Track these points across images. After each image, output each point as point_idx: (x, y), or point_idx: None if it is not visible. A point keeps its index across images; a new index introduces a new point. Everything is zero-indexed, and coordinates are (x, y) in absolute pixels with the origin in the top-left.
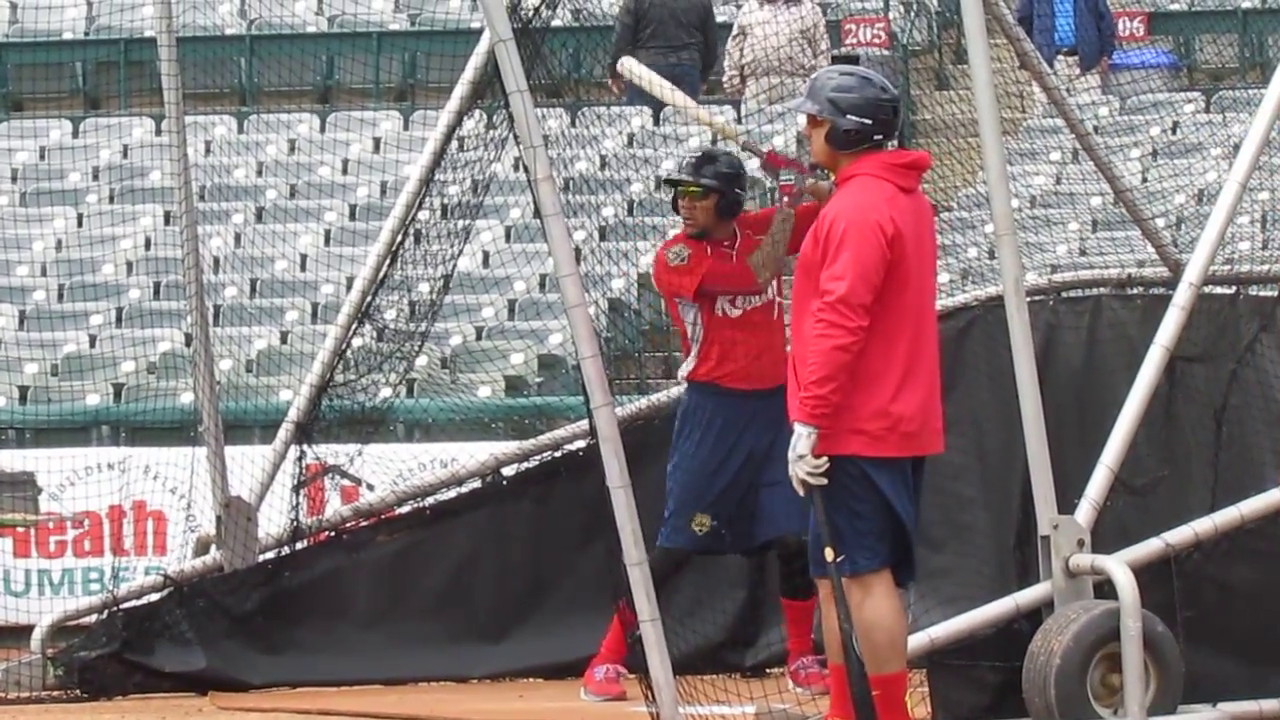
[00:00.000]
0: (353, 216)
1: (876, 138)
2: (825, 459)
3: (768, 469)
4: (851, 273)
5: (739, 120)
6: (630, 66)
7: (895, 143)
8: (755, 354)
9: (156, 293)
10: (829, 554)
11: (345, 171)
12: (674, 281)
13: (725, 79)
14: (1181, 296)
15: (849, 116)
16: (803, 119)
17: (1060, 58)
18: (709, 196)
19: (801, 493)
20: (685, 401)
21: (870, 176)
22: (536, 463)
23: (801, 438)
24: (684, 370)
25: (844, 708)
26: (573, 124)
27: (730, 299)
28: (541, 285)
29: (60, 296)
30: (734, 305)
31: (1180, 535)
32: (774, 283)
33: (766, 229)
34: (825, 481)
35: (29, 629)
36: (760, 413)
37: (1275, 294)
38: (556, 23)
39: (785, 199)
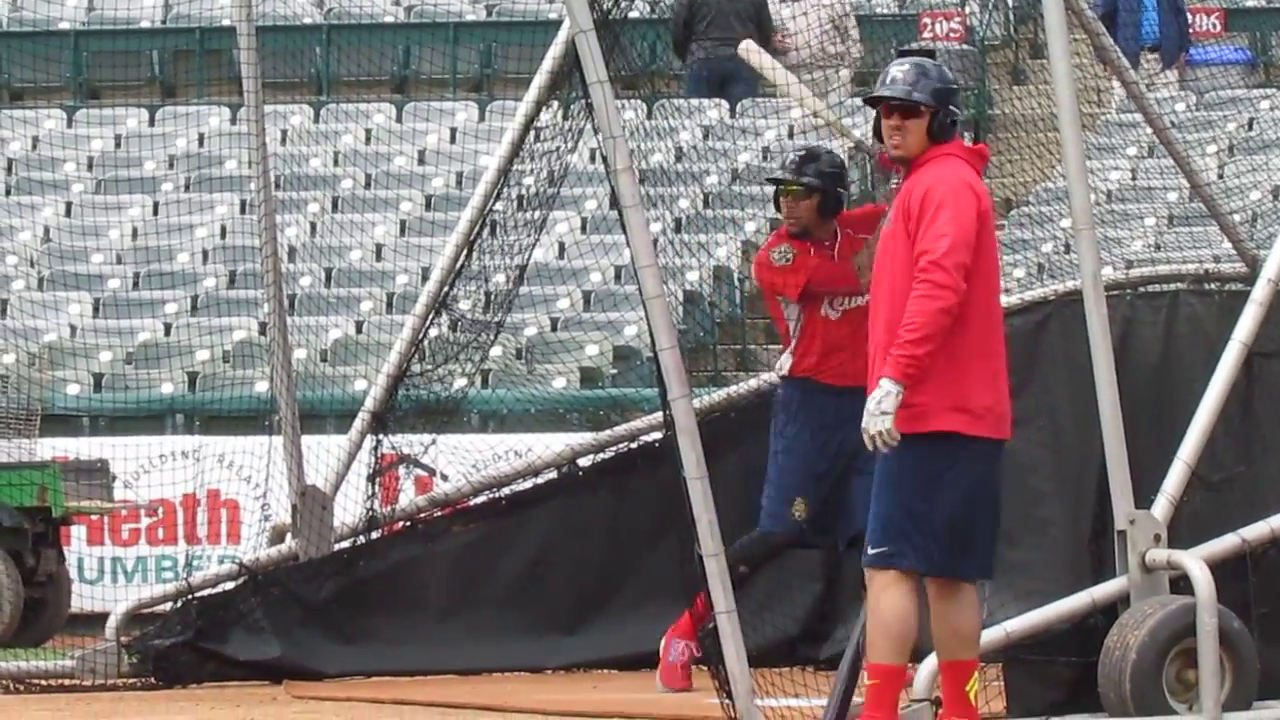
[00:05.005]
0: (429, 207)
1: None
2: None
3: (861, 460)
4: (953, 231)
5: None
6: (750, 47)
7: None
8: (854, 354)
9: (231, 281)
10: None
11: (421, 162)
12: (778, 281)
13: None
14: (1259, 292)
15: (951, 108)
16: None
17: (1143, 54)
18: (811, 196)
19: (869, 448)
20: (783, 395)
21: (953, 157)
22: (612, 454)
23: (890, 394)
24: (783, 367)
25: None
26: (649, 116)
27: (831, 300)
28: (617, 276)
29: (135, 284)
30: (834, 307)
31: (1257, 531)
32: None
33: (868, 227)
34: (896, 439)
35: (103, 617)
36: (856, 410)
37: None
38: (634, 14)
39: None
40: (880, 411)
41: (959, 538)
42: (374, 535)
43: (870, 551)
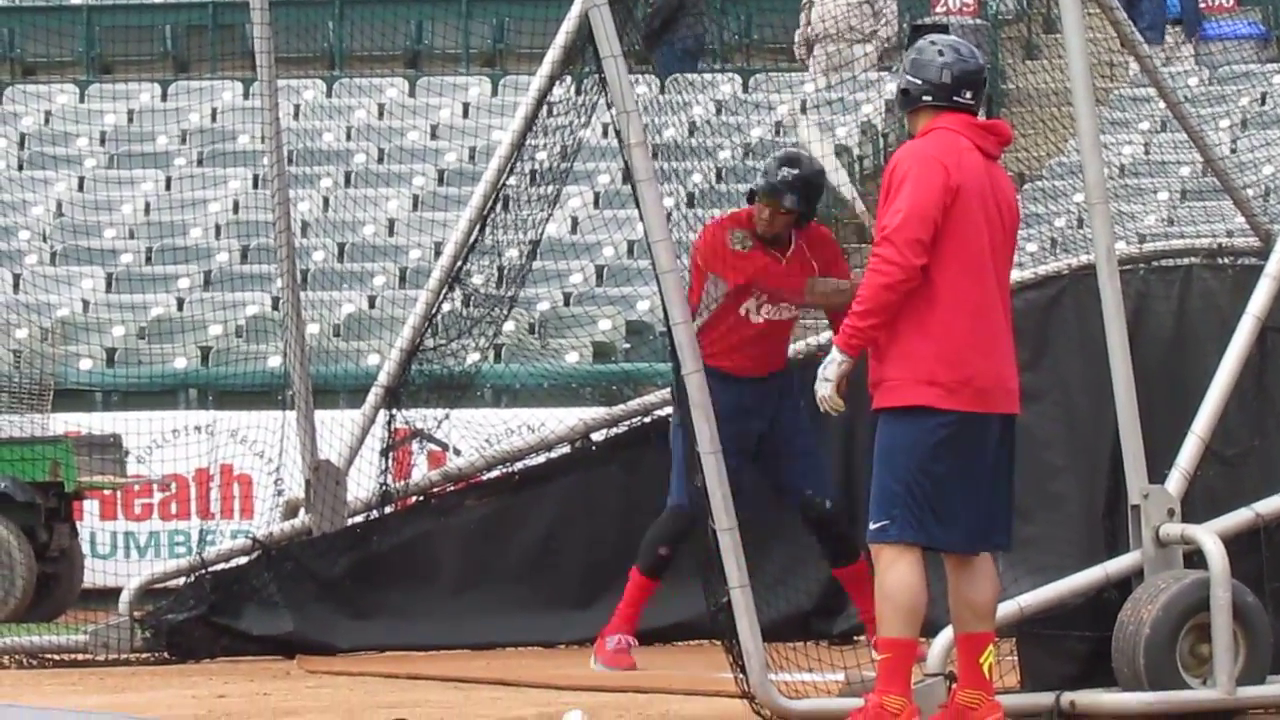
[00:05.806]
0: (441, 181)
1: (925, 98)
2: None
3: (773, 443)
4: (908, 206)
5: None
6: (800, 120)
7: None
8: (758, 354)
9: (244, 256)
10: None
11: (434, 136)
12: (728, 263)
13: (796, 47)
14: (1273, 266)
15: (905, 76)
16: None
17: (1168, 27)
18: (792, 213)
19: (823, 408)
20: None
21: (945, 130)
22: (625, 429)
23: (833, 362)
24: None
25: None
26: (662, 90)
27: (758, 305)
28: (630, 251)
29: (148, 259)
30: (759, 310)
31: (1270, 505)
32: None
33: (820, 249)
34: (841, 407)
35: (116, 591)
36: (756, 397)
37: None
38: None
39: None
40: (823, 378)
41: (955, 511)
42: (387, 510)
43: (871, 527)
